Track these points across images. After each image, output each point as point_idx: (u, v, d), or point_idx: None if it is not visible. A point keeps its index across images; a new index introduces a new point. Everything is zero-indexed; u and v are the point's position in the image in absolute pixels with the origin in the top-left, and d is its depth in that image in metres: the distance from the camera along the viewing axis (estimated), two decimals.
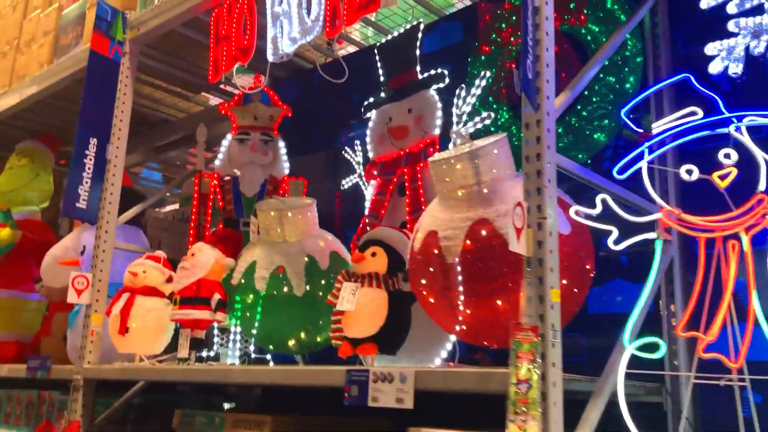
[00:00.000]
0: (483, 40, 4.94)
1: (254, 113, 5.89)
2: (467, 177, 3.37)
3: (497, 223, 3.22)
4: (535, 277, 2.83)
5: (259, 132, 5.88)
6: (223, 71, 5.08)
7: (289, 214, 4.75)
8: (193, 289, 4.74)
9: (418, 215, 4.45)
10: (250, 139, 5.85)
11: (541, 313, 2.78)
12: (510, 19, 4.84)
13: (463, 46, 5.34)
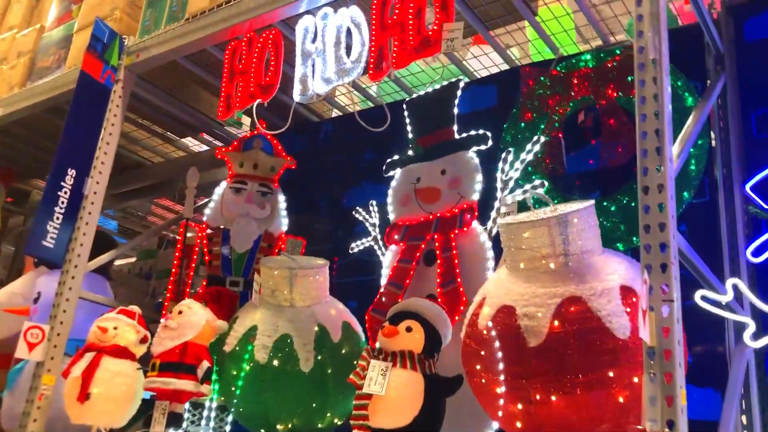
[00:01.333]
0: (525, 106, 4.58)
1: (254, 161, 5.31)
2: (554, 245, 2.88)
3: (593, 303, 2.71)
4: (660, 372, 2.30)
5: (257, 182, 5.29)
6: (236, 108, 4.53)
7: (301, 274, 4.12)
8: (176, 353, 4.00)
9: (451, 288, 3.95)
10: (247, 189, 5.24)
11: (670, 419, 2.24)
12: (555, 87, 4.51)
13: (495, 111, 4.97)
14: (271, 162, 5.35)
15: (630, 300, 2.73)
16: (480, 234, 4.07)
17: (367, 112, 5.82)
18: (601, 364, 2.63)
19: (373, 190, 5.46)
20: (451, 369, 3.51)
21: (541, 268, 2.92)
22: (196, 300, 4.26)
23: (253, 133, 5.40)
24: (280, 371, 3.87)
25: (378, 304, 4.21)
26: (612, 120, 4.21)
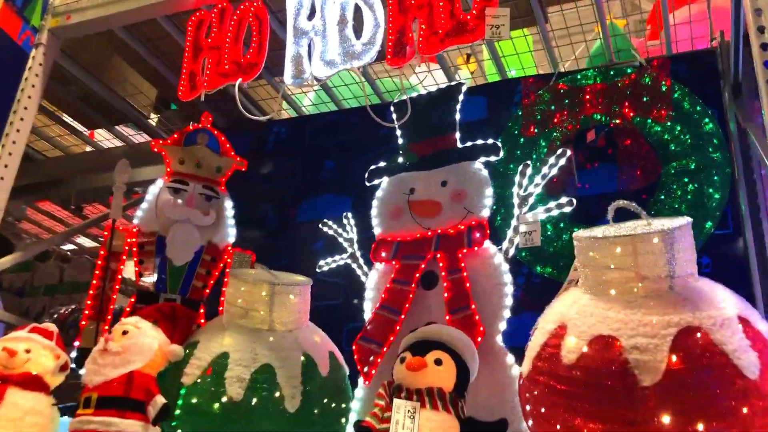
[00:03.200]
0: (528, 120, 4.19)
1: (197, 159, 4.49)
2: (659, 265, 2.42)
3: (716, 335, 2.27)
4: None
5: (200, 184, 4.46)
6: (204, 88, 3.77)
7: (283, 292, 3.40)
8: (120, 385, 3.13)
9: (464, 316, 3.39)
10: (188, 191, 4.40)
11: None
12: (562, 102, 4.17)
13: (485, 124, 4.54)
14: (217, 161, 4.55)
15: (752, 333, 2.33)
16: (494, 255, 3.56)
17: (327, 116, 5.21)
18: (729, 410, 2.18)
19: (334, 203, 4.83)
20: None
21: (640, 292, 2.45)
22: (144, 318, 3.39)
23: (197, 126, 4.58)
24: (259, 411, 3.10)
25: (369, 331, 3.56)
26: (629, 141, 3.91)
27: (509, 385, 3.26)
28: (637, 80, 3.96)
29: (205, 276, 4.33)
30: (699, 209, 3.70)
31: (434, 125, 3.98)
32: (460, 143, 3.91)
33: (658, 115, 3.86)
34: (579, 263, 2.69)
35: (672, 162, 3.84)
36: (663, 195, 3.76)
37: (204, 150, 4.52)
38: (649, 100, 3.89)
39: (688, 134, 3.79)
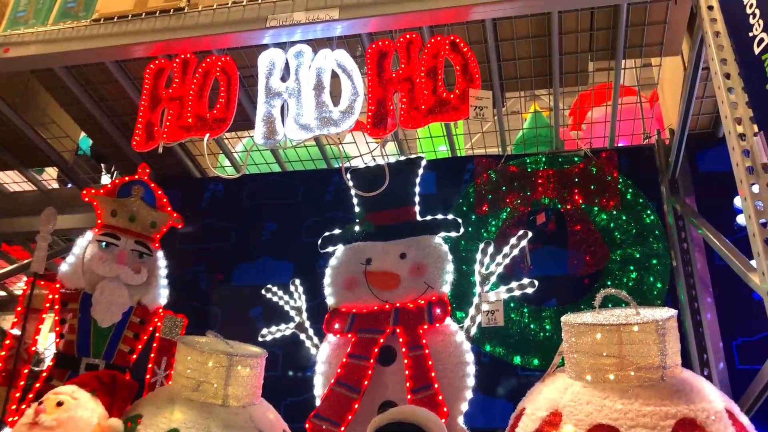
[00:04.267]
0: (480, 199, 4.26)
1: (131, 212, 4.20)
2: (651, 355, 2.47)
3: (711, 427, 2.32)
4: None
5: (132, 239, 4.17)
6: (163, 139, 3.55)
7: (242, 364, 3.16)
8: None
9: (427, 395, 3.30)
10: (119, 247, 4.10)
11: None
12: (513, 183, 4.28)
13: (434, 199, 4.55)
14: (152, 216, 4.27)
15: (738, 427, 2.40)
16: (455, 332, 3.51)
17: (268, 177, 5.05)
18: None
19: (274, 268, 4.64)
20: None
21: (634, 381, 2.47)
22: (80, 386, 3.03)
23: (133, 177, 4.30)
24: None
25: (324, 408, 3.37)
26: (579, 227, 4.05)
27: None
28: (585, 169, 4.15)
29: (132, 340, 3.99)
30: (642, 297, 3.86)
31: (393, 196, 3.94)
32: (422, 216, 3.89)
33: (605, 204, 4.04)
34: (567, 348, 2.69)
35: (617, 250, 4.02)
36: (609, 281, 3.90)
37: (139, 203, 4.24)
38: (596, 189, 4.08)
39: (632, 224, 3.98)
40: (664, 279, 3.91)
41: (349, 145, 5.08)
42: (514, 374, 4.06)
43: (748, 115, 2.64)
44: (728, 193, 2.73)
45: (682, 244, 4.03)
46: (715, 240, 3.40)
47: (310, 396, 3.57)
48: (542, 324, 3.99)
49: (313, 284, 4.03)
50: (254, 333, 3.97)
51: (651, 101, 4.77)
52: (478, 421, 3.58)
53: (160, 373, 3.92)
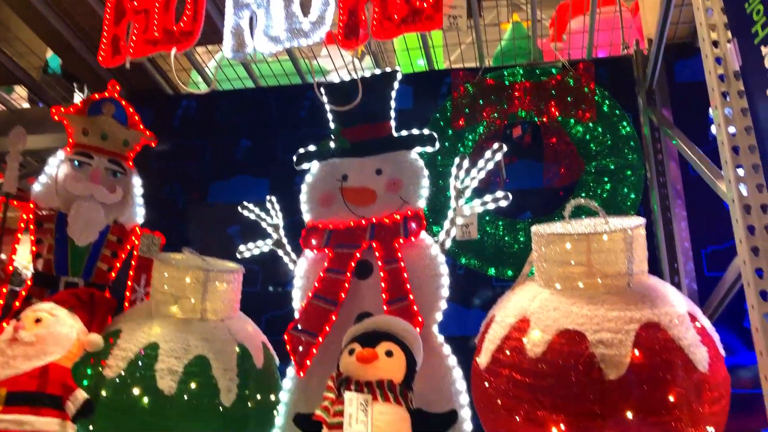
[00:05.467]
0: (457, 113, 4.22)
1: (102, 131, 4.14)
2: (618, 263, 2.53)
3: (674, 330, 2.40)
4: None
5: (106, 158, 4.13)
6: (130, 54, 3.45)
7: (218, 279, 3.20)
8: (34, 379, 2.81)
9: (402, 306, 3.36)
10: (93, 166, 4.06)
11: None
12: (490, 97, 4.24)
13: (410, 114, 4.52)
14: (124, 134, 4.21)
15: (700, 328, 2.49)
16: (430, 246, 3.55)
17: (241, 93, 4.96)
18: (686, 401, 2.32)
19: (250, 185, 4.63)
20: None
21: (601, 288, 2.53)
22: (59, 304, 3.06)
23: (103, 95, 4.21)
24: (194, 405, 2.90)
25: (302, 321, 3.43)
26: (555, 139, 4.05)
27: (445, 375, 3.28)
28: (562, 81, 4.11)
29: (110, 258, 4.01)
30: (616, 209, 3.91)
31: (369, 111, 3.89)
32: (398, 132, 3.85)
33: (581, 116, 4.03)
34: (537, 257, 2.74)
35: (592, 162, 4.03)
36: (583, 193, 3.93)
37: (110, 121, 4.17)
38: (572, 101, 4.05)
39: (608, 135, 3.98)
40: (637, 190, 3.95)
41: (323, 60, 4.98)
42: (489, 285, 4.15)
43: (723, 21, 2.60)
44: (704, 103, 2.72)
45: (656, 156, 4.06)
46: (688, 150, 3.42)
47: (290, 310, 3.62)
48: (516, 236, 4.05)
49: (289, 201, 4.02)
50: (232, 250, 3.99)
51: (634, 11, 4.68)
52: (454, 331, 3.67)
53: (139, 291, 3.96)
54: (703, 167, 3.14)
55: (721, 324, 2.95)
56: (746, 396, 3.50)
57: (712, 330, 2.56)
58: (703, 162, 3.21)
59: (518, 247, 4.06)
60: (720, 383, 2.43)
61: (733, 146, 2.48)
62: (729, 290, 3.18)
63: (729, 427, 3.25)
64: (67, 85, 6.02)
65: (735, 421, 3.38)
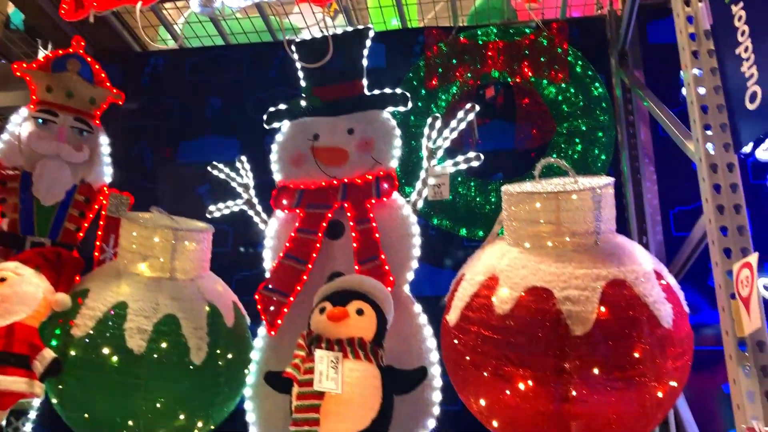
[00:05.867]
0: (431, 72, 4.19)
1: (67, 88, 4.04)
2: (587, 221, 2.54)
3: (640, 287, 2.44)
4: (756, 365, 2.12)
5: (71, 116, 4.04)
6: (93, 7, 3.34)
7: (187, 238, 3.17)
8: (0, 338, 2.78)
9: (374, 266, 3.37)
10: (58, 124, 3.97)
11: None
12: (464, 56, 4.20)
13: (383, 73, 4.46)
14: (90, 92, 4.12)
15: (665, 286, 2.53)
16: (402, 206, 3.55)
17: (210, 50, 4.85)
18: (650, 356, 2.37)
19: (219, 145, 4.57)
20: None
21: (569, 246, 2.56)
22: (24, 263, 3.02)
23: (67, 51, 4.09)
24: (164, 363, 2.90)
25: (273, 280, 3.43)
26: (527, 100, 4.04)
27: (416, 333, 3.31)
28: (535, 41, 4.08)
29: (78, 218, 3.95)
30: (586, 170, 3.93)
31: (340, 70, 3.84)
32: (370, 91, 3.81)
33: (554, 77, 4.02)
34: (506, 216, 2.74)
35: (564, 123, 4.04)
36: (554, 154, 3.94)
37: (75, 78, 4.08)
38: (545, 61, 4.03)
39: (580, 96, 3.98)
40: (608, 151, 3.97)
41: (295, 17, 4.89)
42: (460, 246, 4.17)
43: None
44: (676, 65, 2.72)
45: (628, 117, 4.07)
46: (659, 111, 3.43)
47: (261, 270, 3.61)
48: (488, 197, 4.06)
49: (260, 161, 3.99)
50: (202, 210, 3.96)
51: None
52: (426, 291, 3.69)
53: (108, 251, 3.91)
54: (672, 127, 3.16)
55: (687, 283, 2.99)
56: (709, 353, 3.60)
57: (677, 287, 2.60)
58: (673, 122, 3.22)
59: (490, 208, 4.07)
60: (683, 339, 2.48)
61: (701, 105, 2.49)
62: (694, 249, 3.23)
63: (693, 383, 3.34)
64: (30, 41, 5.85)
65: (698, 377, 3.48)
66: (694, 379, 2.92)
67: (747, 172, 3.92)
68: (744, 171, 3.89)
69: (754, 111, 2.28)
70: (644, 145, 3.98)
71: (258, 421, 3.25)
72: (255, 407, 3.26)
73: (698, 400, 3.62)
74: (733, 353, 2.18)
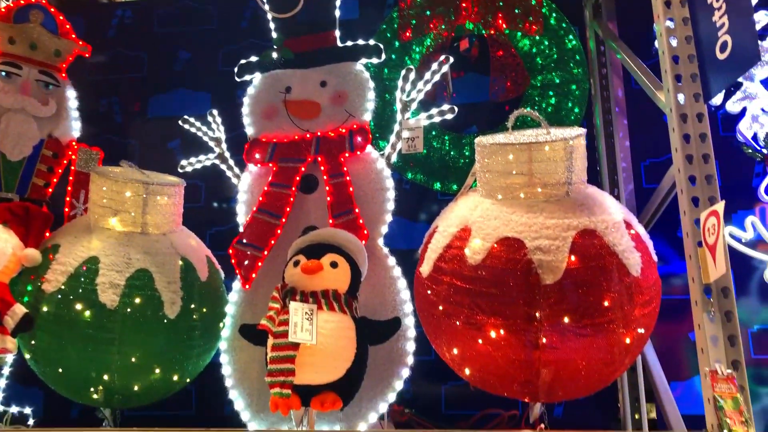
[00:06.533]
0: (404, 24, 4.13)
1: (31, 39, 3.92)
2: (558, 172, 2.56)
3: (609, 237, 2.47)
4: (720, 311, 2.18)
5: (36, 69, 3.93)
6: None
7: (158, 192, 3.14)
8: None
9: (348, 220, 3.37)
10: (22, 77, 3.87)
11: (734, 359, 2.13)
12: (438, 8, 4.14)
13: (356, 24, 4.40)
14: (55, 44, 4.00)
15: (634, 235, 2.57)
16: (376, 160, 3.54)
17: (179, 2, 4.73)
18: (618, 303, 2.42)
19: (190, 99, 4.50)
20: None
21: (540, 197, 2.58)
22: None
23: (29, 0, 3.96)
24: (137, 318, 2.89)
25: (247, 234, 3.41)
26: (501, 52, 4.01)
27: (390, 285, 3.33)
28: None
29: (46, 173, 3.87)
30: (559, 123, 3.93)
31: (312, 21, 3.78)
32: (343, 42, 3.76)
33: (528, 29, 3.99)
34: (479, 168, 2.75)
35: (538, 76, 4.03)
36: (528, 107, 3.94)
37: (39, 29, 3.95)
38: (520, 13, 4.00)
39: (554, 49, 3.96)
40: (581, 104, 3.97)
41: None
42: (434, 200, 4.19)
43: None
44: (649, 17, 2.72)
45: (601, 69, 4.08)
46: (632, 63, 3.44)
47: (235, 225, 3.59)
48: (462, 151, 4.06)
49: (231, 115, 3.93)
50: (174, 165, 3.89)
51: None
52: (400, 244, 3.72)
53: (79, 206, 3.85)
54: (644, 79, 3.17)
55: (656, 234, 3.05)
56: (677, 302, 3.69)
57: (647, 237, 2.65)
58: (645, 74, 3.23)
59: (464, 162, 4.07)
60: (651, 287, 2.53)
61: (673, 56, 2.50)
62: (663, 199, 3.28)
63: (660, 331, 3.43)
64: None
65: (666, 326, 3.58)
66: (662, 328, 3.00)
67: (717, 125, 3.97)
68: (714, 124, 3.94)
69: (723, 61, 2.29)
70: (617, 97, 4.00)
71: (234, 374, 3.27)
72: (230, 360, 3.28)
73: (665, 348, 3.72)
74: (699, 299, 2.23)
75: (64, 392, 3.10)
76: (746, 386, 2.12)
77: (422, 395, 3.97)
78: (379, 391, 3.12)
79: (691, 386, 3.81)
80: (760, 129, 3.39)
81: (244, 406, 3.22)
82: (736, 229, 2.68)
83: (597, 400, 3.55)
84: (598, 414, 3.86)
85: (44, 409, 4.00)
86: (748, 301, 3.77)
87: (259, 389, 3.17)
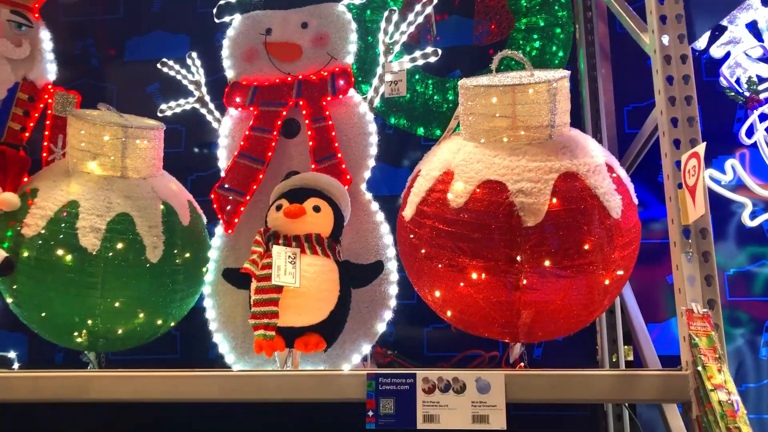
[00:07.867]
0: None
1: None
2: (542, 115, 2.55)
3: (590, 179, 2.49)
4: (698, 251, 2.21)
5: (7, 8, 3.80)
6: None
7: (137, 135, 3.09)
8: None
9: (331, 164, 3.34)
10: None
11: (710, 298, 2.18)
12: None
13: None
14: None
15: (616, 178, 2.58)
16: (359, 104, 3.50)
17: None
18: (598, 246, 2.45)
19: (168, 41, 4.40)
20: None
21: (523, 140, 2.57)
22: None
23: None
24: (118, 262, 2.89)
25: (229, 179, 3.39)
26: None
27: (373, 230, 3.33)
28: None
29: (22, 117, 3.77)
30: (543, 66, 3.89)
31: None
32: None
33: None
34: (462, 111, 2.74)
35: (523, 19, 3.97)
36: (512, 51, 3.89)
37: None
38: None
39: None
40: (566, 48, 3.93)
41: None
42: (418, 145, 4.18)
43: None
44: None
45: (586, 13, 4.03)
46: (617, 5, 3.39)
47: (216, 170, 3.56)
48: (446, 95, 4.02)
49: (211, 57, 3.84)
50: (153, 109, 3.81)
51: None
52: (384, 190, 3.73)
53: (57, 151, 3.78)
54: (629, 21, 3.13)
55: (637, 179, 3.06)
56: (657, 245, 3.75)
57: (628, 180, 2.66)
58: (630, 16, 3.20)
59: (447, 107, 4.04)
60: (631, 229, 2.56)
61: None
62: (645, 143, 3.29)
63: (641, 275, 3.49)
64: None
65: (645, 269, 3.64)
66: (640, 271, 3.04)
67: (701, 69, 3.96)
68: (699, 69, 3.93)
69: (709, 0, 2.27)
70: (601, 41, 3.96)
71: (218, 317, 3.29)
72: (214, 304, 3.29)
73: (644, 291, 3.78)
74: (678, 240, 2.26)
75: (47, 336, 3.11)
76: (721, 324, 2.17)
77: (405, 337, 4.04)
78: (362, 333, 3.16)
79: (667, 328, 3.90)
80: (743, 73, 3.38)
81: (228, 349, 3.24)
82: (716, 172, 2.70)
83: (576, 342, 3.64)
84: (577, 355, 3.95)
85: (29, 353, 4.02)
86: (726, 245, 3.84)
87: (244, 332, 3.20)
